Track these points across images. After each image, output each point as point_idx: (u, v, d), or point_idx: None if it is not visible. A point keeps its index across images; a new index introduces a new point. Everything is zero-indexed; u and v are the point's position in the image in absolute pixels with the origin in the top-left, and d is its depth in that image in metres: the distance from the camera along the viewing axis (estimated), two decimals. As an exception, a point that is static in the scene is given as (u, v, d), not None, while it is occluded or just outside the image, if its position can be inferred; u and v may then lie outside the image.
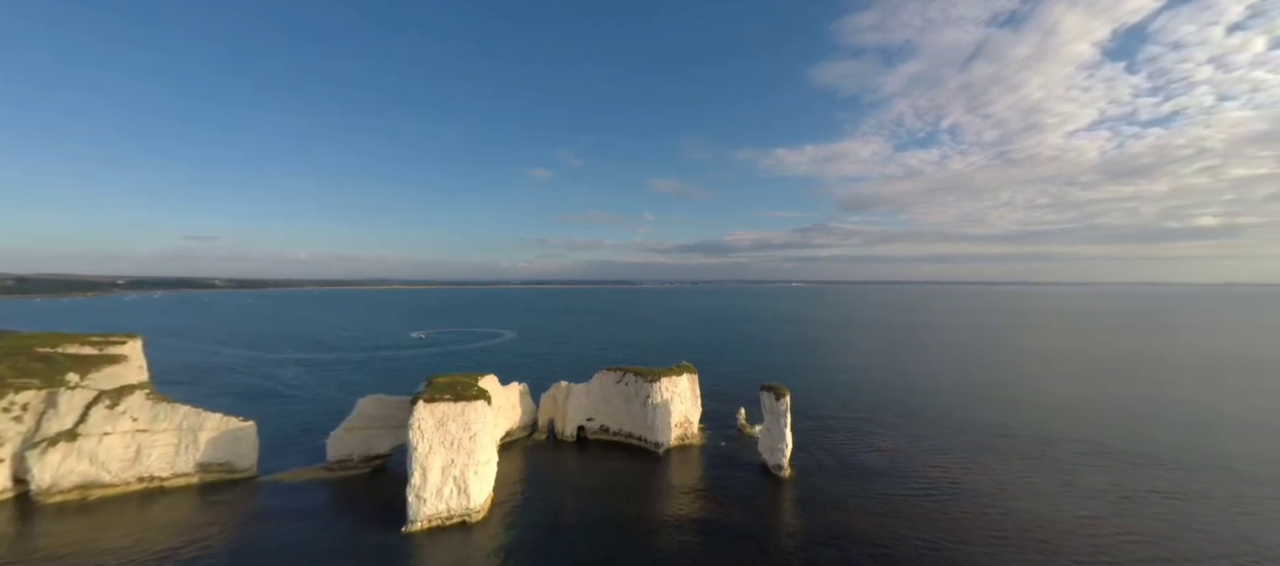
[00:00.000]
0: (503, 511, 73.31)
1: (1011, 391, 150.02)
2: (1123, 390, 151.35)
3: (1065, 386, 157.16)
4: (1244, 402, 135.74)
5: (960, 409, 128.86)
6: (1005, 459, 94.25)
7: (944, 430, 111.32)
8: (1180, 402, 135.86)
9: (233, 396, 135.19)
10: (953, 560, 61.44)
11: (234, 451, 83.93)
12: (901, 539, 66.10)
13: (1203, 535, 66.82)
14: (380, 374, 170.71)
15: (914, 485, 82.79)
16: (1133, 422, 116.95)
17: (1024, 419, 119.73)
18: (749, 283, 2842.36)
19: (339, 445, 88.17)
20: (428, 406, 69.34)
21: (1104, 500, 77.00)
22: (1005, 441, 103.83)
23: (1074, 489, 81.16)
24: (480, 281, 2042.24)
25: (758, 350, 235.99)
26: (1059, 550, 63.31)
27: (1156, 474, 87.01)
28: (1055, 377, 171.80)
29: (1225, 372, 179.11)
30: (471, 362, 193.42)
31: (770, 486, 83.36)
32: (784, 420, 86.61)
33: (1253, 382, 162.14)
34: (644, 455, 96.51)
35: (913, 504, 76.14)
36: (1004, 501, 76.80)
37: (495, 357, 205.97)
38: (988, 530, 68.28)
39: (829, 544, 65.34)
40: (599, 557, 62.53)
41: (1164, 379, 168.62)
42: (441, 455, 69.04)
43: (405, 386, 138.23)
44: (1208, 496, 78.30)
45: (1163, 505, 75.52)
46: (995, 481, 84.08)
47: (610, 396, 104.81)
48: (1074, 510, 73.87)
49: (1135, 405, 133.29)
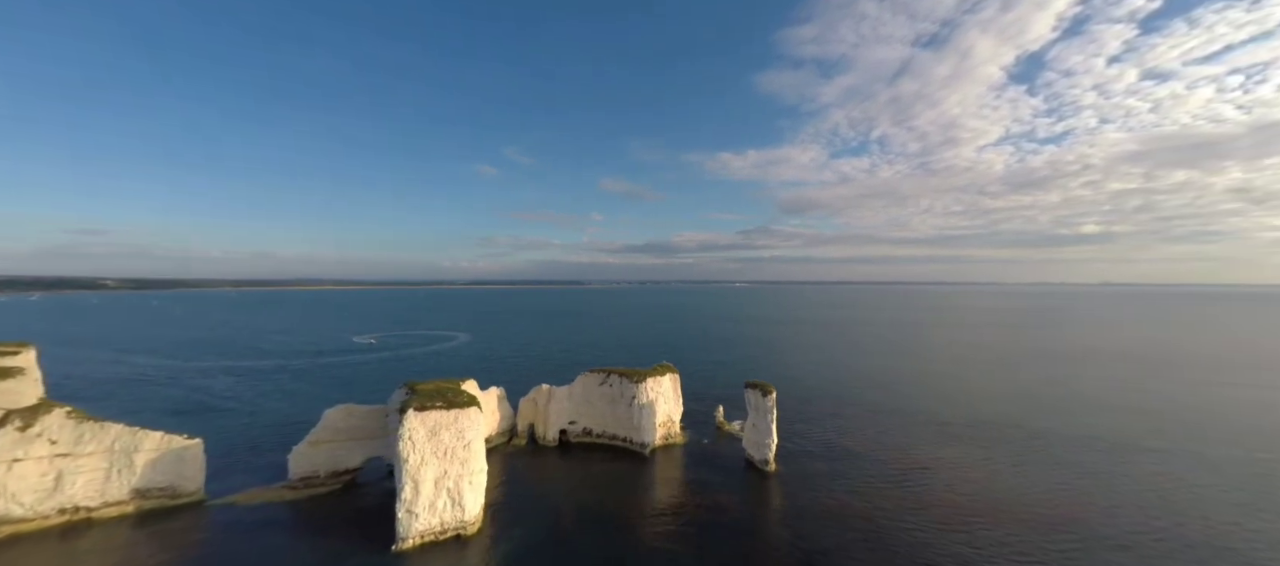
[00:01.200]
0: (497, 522, 70.12)
1: (954, 382, 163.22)
2: (1040, 377, 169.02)
3: (996, 376, 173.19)
4: (1138, 387, 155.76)
5: (915, 400, 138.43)
6: (963, 444, 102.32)
7: (905, 421, 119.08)
8: (1084, 387, 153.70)
9: (155, 412, 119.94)
10: (938, 539, 65.75)
11: (177, 473, 74.52)
12: (889, 523, 69.94)
13: (1135, 504, 75.82)
14: (328, 382, 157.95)
15: (890, 473, 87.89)
16: (1056, 407, 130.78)
17: (971, 407, 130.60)
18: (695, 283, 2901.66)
19: (303, 461, 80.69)
20: (419, 415, 64.93)
21: (1054, 476, 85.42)
22: (960, 428, 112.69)
23: (1025, 467, 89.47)
24: (421, 281, 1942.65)
25: (719, 348, 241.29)
26: (1030, 522, 69.53)
27: (1085, 454, 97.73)
28: (987, 368, 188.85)
29: (1116, 362, 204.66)
30: (427, 367, 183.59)
31: (760, 480, 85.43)
32: (771, 416, 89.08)
33: (1137, 370, 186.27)
34: (630, 456, 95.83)
35: (892, 491, 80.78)
36: (970, 483, 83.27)
37: (453, 362, 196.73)
38: (962, 510, 73.75)
39: (824, 531, 67.96)
40: (608, 561, 61.39)
41: (1065, 368, 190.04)
42: (434, 466, 64.92)
43: (359, 395, 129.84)
44: (1129, 474, 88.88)
45: (1098, 480, 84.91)
46: (959, 465, 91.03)
47: (593, 398, 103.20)
48: (1030, 486, 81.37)
49: (1054, 391, 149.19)
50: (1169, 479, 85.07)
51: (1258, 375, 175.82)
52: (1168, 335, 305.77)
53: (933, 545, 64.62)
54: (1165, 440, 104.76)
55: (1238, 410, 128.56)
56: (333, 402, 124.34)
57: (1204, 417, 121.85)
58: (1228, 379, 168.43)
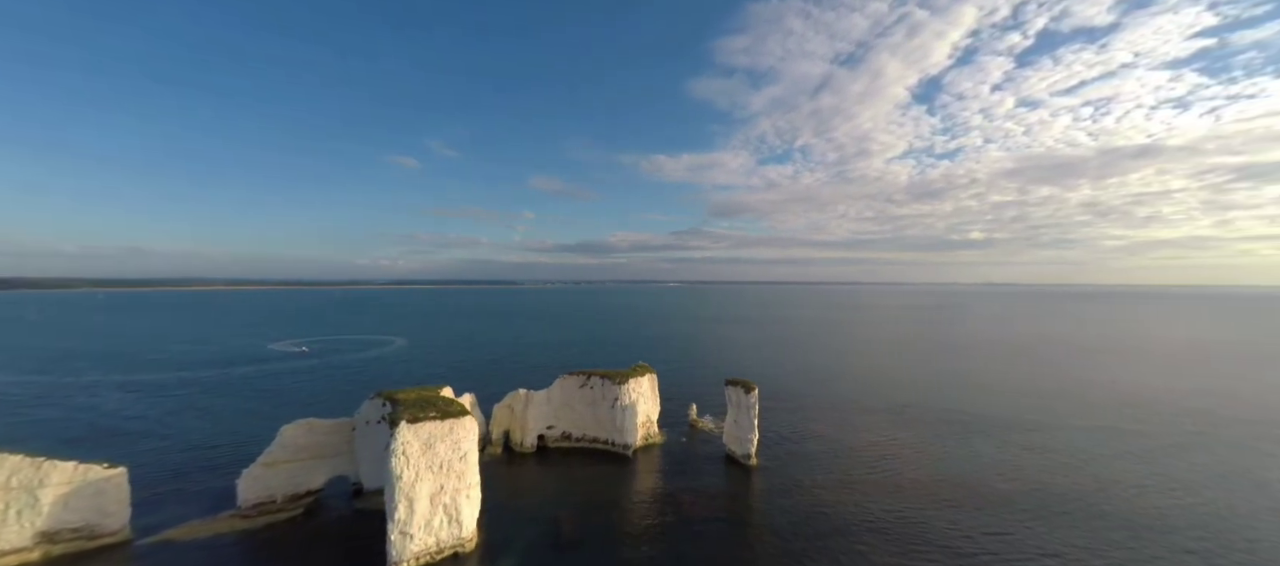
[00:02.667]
0: (494, 535, 66.38)
1: (892, 373, 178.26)
2: (959, 366, 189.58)
3: (924, 366, 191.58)
4: (1029, 373, 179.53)
5: (865, 391, 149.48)
6: (917, 431, 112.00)
7: (863, 410, 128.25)
8: (995, 375, 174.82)
9: (38, 441, 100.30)
10: (914, 517, 71.53)
11: (96, 510, 62.92)
12: (869, 507, 75.01)
13: (1068, 474, 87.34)
14: (253, 396, 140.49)
15: (860, 460, 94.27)
16: (980, 391, 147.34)
17: (912, 395, 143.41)
18: (629, 282, 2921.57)
19: (257, 484, 71.39)
20: (412, 427, 59.80)
21: (998, 455, 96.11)
22: (908, 414, 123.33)
23: (970, 447, 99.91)
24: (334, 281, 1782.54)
25: (670, 346, 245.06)
26: (988, 498, 77.65)
27: (1014, 432, 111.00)
28: (915, 359, 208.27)
29: (1013, 352, 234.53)
30: (368, 375, 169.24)
31: (745, 475, 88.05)
32: (753, 412, 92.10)
33: (1027, 358, 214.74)
34: (612, 459, 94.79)
35: (866, 477, 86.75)
36: (931, 465, 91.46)
37: (396, 369, 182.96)
38: (929, 490, 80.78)
39: (814, 518, 71.59)
40: (621, 564, 60.47)
41: (977, 357, 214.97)
42: (429, 481, 60.14)
43: (294, 409, 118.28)
44: (1052, 449, 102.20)
45: (1037, 456, 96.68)
46: (919, 450, 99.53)
47: (573, 401, 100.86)
48: (979, 465, 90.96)
49: (973, 380, 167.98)
50: (1087, 452, 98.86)
51: (1114, 359, 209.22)
52: (1043, 328, 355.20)
53: (915, 522, 70.20)
54: (1063, 417, 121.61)
55: (1104, 389, 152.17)
56: (268, 419, 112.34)
57: (1087, 396, 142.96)
58: (1094, 363, 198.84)
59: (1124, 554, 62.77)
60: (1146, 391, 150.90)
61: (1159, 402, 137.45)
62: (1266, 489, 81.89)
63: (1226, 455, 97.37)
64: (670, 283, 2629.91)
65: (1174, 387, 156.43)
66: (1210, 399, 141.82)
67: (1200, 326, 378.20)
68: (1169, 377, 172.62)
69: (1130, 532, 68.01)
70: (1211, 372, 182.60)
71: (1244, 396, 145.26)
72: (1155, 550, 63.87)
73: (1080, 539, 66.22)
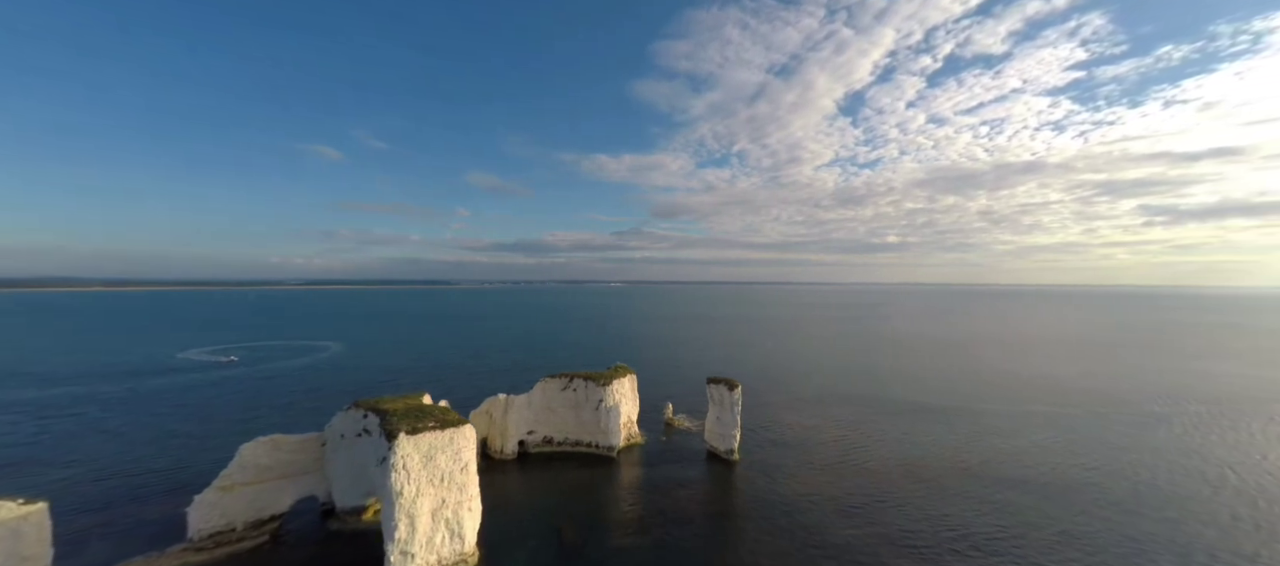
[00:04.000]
0: (494, 547, 63.49)
1: (842, 369, 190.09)
2: (901, 360, 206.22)
3: (867, 361, 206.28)
4: (968, 365, 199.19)
5: (825, 385, 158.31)
6: (876, 419, 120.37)
7: (825, 402, 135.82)
8: (934, 367, 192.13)
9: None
10: (891, 497, 77.19)
11: (13, 554, 52.90)
12: (850, 491, 80.00)
13: (1008, 451, 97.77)
14: (174, 413, 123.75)
15: (831, 449, 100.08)
16: (922, 384, 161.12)
17: (865, 388, 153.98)
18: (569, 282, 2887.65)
19: (212, 512, 63.33)
20: (412, 439, 55.78)
21: (949, 438, 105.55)
22: (868, 406, 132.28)
23: (925, 432, 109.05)
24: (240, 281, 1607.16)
25: (635, 346, 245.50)
26: (947, 477, 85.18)
27: (961, 419, 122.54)
28: (859, 355, 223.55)
29: (945, 346, 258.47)
30: (309, 385, 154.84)
31: (729, 470, 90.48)
32: (736, 409, 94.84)
33: (959, 352, 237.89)
34: (597, 461, 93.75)
35: (838, 464, 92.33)
36: (894, 450, 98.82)
37: (341, 377, 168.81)
38: (895, 472, 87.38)
39: (800, 504, 75.55)
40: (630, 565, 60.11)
41: (914, 352, 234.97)
42: (431, 496, 56.45)
43: (228, 427, 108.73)
44: (993, 430, 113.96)
45: (981, 437, 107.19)
46: (880, 437, 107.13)
47: (555, 405, 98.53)
48: (935, 447, 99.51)
49: (915, 371, 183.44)
50: (1019, 429, 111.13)
51: (1023, 351, 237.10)
52: (964, 325, 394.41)
53: (888, 502, 75.69)
54: (994, 402, 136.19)
55: (1019, 376, 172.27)
56: (202, 439, 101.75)
57: (1008, 383, 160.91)
58: (1007, 354, 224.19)
59: (1064, 511, 71.49)
60: (1052, 377, 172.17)
61: (1064, 386, 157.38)
62: (1159, 452, 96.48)
63: (1125, 427, 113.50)
64: (612, 283, 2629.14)
65: (1071, 373, 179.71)
66: (1099, 381, 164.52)
67: (1077, 321, 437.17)
68: (1065, 365, 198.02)
69: (1065, 494, 77.57)
70: (1093, 360, 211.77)
71: (1124, 378, 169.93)
72: (1083, 505, 73.29)
73: (1033, 505, 74.59)
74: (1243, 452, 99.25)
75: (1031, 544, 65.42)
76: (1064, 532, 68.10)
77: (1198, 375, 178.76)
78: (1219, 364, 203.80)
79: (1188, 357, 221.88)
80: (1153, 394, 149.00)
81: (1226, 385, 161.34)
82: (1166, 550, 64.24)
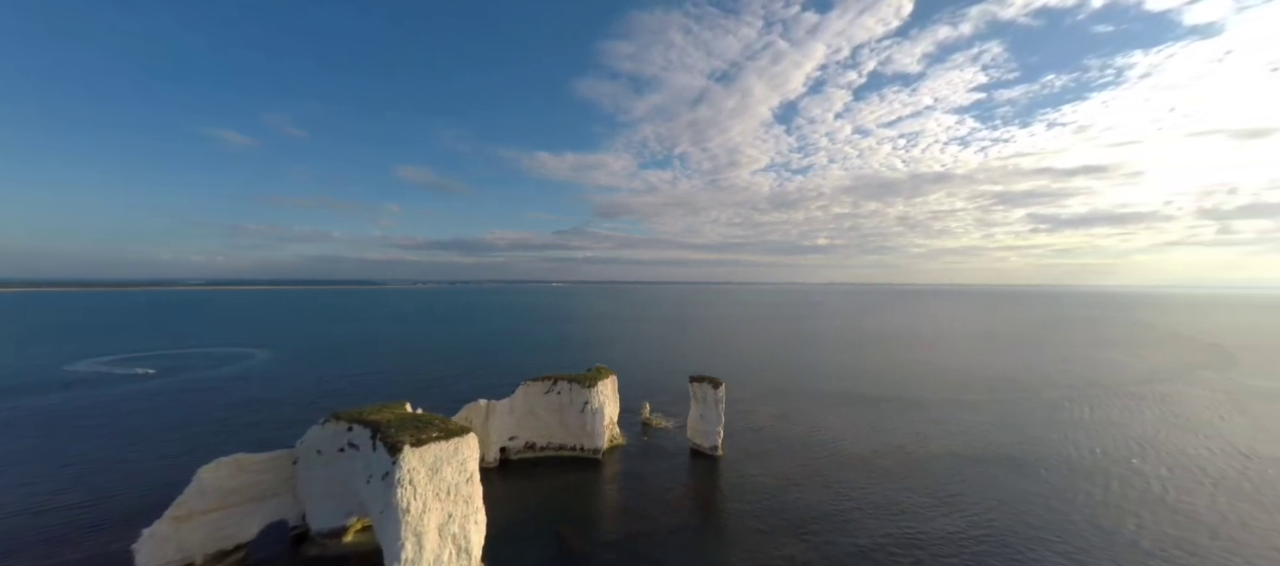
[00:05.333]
0: (500, 560, 60.81)
1: (800, 364, 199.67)
2: (850, 355, 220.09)
3: (821, 356, 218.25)
4: (909, 358, 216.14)
5: (788, 380, 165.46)
6: (840, 411, 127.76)
7: (792, 396, 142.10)
8: (880, 361, 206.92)
9: None
10: (867, 481, 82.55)
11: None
12: (831, 479, 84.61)
13: (961, 434, 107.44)
14: (76, 434, 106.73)
15: (807, 440, 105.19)
16: (873, 377, 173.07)
17: (824, 381, 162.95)
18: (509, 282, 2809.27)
19: (166, 545, 55.83)
20: (417, 451, 52.06)
21: (907, 426, 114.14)
22: (830, 398, 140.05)
23: (886, 421, 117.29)
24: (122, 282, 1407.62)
25: (597, 347, 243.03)
26: (912, 462, 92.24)
27: (914, 409, 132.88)
28: (812, 351, 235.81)
29: (888, 341, 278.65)
30: (245, 398, 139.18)
31: (715, 465, 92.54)
32: (720, 407, 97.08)
33: (901, 346, 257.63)
34: (583, 464, 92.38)
35: (817, 452, 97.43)
36: (862, 439, 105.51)
37: (279, 387, 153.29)
38: (867, 459, 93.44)
39: (790, 491, 79.32)
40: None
41: (861, 347, 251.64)
42: (437, 511, 53.03)
43: (151, 448, 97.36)
44: (942, 419, 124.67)
45: (932, 425, 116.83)
46: (847, 427, 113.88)
47: (538, 409, 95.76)
48: (897, 435, 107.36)
49: (865, 365, 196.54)
50: (965, 417, 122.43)
51: (948, 344, 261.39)
52: (895, 321, 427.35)
53: (862, 487, 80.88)
54: (937, 391, 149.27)
55: (949, 368, 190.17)
56: (120, 463, 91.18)
57: (942, 374, 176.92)
58: (935, 348, 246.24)
59: (1015, 483, 79.97)
60: (975, 368, 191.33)
61: (986, 375, 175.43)
62: (1082, 426, 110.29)
63: (1043, 409, 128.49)
64: (553, 283, 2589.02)
65: (989, 364, 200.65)
66: (1014, 370, 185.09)
67: (984, 317, 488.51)
68: (983, 356, 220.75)
69: (1013, 469, 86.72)
70: (1004, 351, 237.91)
71: (1033, 366, 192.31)
72: (1027, 482, 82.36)
73: (992, 478, 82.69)
74: (1133, 423, 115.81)
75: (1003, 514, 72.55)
76: (1019, 499, 76.14)
77: (1087, 362, 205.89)
78: (1102, 352, 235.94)
79: (1078, 347, 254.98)
80: (1057, 379, 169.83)
81: (1110, 370, 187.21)
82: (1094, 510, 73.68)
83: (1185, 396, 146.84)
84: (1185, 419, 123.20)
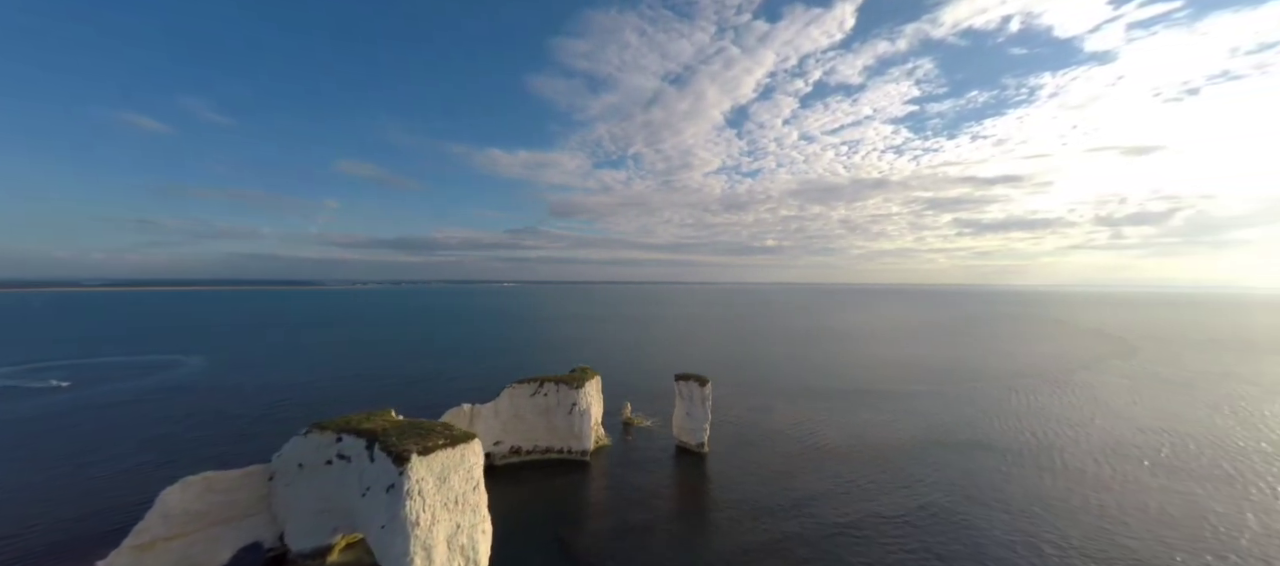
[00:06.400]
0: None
1: (766, 361, 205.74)
2: (813, 351, 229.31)
3: (786, 352, 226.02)
4: (867, 353, 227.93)
5: (762, 377, 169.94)
6: (814, 404, 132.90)
7: (768, 393, 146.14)
8: (843, 356, 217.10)
9: None
10: (845, 468, 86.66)
11: None
12: (817, 466, 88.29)
13: (930, 423, 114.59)
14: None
15: (789, 433, 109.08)
16: (839, 371, 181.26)
17: (794, 377, 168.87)
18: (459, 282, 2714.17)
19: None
20: (425, 460, 49.45)
21: (878, 417, 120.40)
22: (803, 393, 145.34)
23: (858, 413, 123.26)
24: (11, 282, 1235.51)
25: (566, 348, 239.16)
26: (882, 451, 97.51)
27: (886, 401, 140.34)
28: (777, 347, 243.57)
29: (843, 337, 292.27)
30: (177, 410, 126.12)
31: (703, 461, 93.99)
32: (707, 404, 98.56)
33: (858, 342, 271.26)
34: (572, 467, 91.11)
35: (799, 445, 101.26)
36: (838, 431, 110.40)
37: (222, 398, 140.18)
38: (845, 450, 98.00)
39: (779, 484, 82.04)
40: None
41: (821, 344, 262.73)
42: (446, 522, 50.63)
43: (79, 473, 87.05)
44: (907, 410, 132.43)
45: (900, 415, 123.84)
46: (824, 420, 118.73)
47: (524, 412, 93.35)
48: (869, 426, 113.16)
49: (830, 360, 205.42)
50: (931, 407, 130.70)
51: (893, 338, 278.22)
52: (848, 319, 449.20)
53: (845, 477, 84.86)
54: (897, 383, 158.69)
55: (901, 361, 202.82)
56: (34, 491, 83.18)
57: (905, 368, 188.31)
58: (890, 343, 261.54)
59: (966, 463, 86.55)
60: (926, 360, 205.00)
61: (936, 367, 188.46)
62: (1020, 412, 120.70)
63: (987, 398, 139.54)
64: (505, 282, 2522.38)
65: (936, 356, 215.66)
66: (960, 361, 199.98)
67: (922, 314, 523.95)
68: (930, 349, 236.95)
69: (966, 452, 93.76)
70: (947, 345, 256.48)
71: (975, 358, 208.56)
72: (988, 460, 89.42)
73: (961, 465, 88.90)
74: (1062, 407, 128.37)
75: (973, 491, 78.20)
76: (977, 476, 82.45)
77: (1017, 354, 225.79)
78: (1030, 345, 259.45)
79: (1008, 341, 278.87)
80: (996, 370, 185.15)
81: (1038, 361, 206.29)
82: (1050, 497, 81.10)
83: (1103, 383, 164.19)
84: (1105, 403, 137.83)
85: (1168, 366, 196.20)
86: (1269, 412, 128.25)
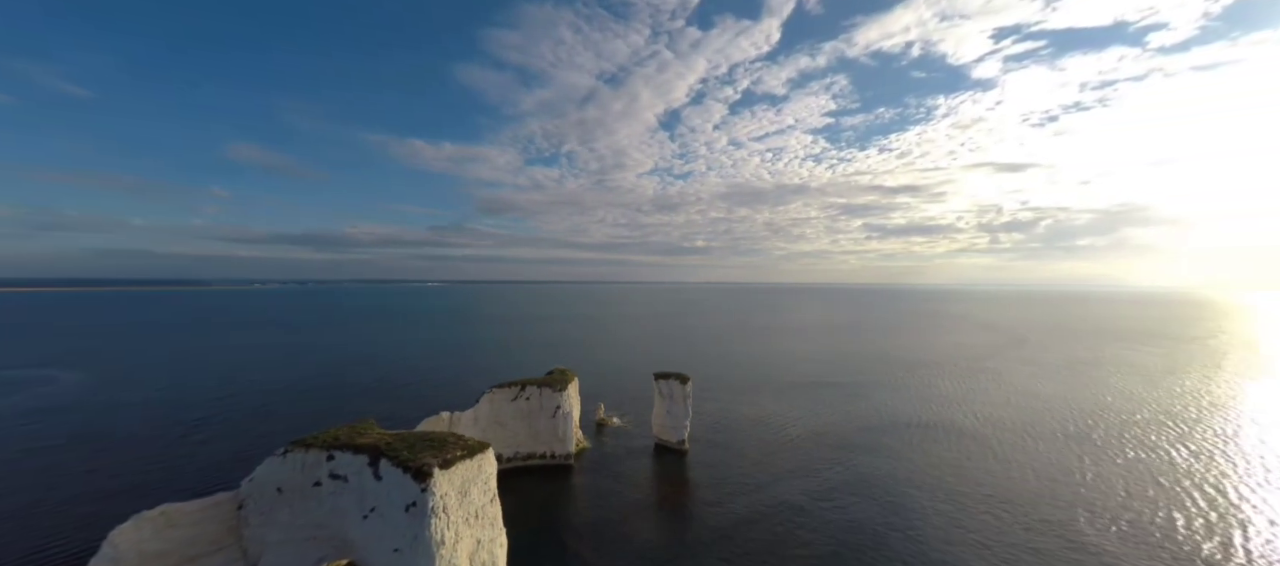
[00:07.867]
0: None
1: (728, 358, 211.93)
2: (773, 346, 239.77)
3: (746, 349, 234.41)
4: (819, 349, 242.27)
5: (725, 373, 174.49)
6: (781, 399, 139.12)
7: (735, 389, 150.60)
8: (795, 351, 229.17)
9: None
10: (827, 459, 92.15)
11: None
12: (799, 461, 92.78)
13: (890, 415, 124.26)
14: None
15: (761, 428, 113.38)
16: (794, 365, 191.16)
17: (757, 372, 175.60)
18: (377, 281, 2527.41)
19: (70, 638, 41.38)
20: (446, 473, 45.79)
21: (846, 407, 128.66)
22: (769, 387, 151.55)
23: (823, 405, 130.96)
24: None
25: (523, 349, 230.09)
26: (852, 438, 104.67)
27: (850, 392, 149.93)
28: (737, 345, 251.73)
29: (790, 333, 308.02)
30: (51, 439, 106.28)
31: (689, 458, 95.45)
32: (689, 402, 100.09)
33: (807, 338, 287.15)
34: (556, 471, 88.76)
35: (773, 436, 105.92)
36: (808, 422, 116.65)
37: (123, 417, 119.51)
38: (815, 440, 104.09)
39: (762, 475, 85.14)
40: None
41: (779, 339, 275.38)
42: (468, 538, 47.30)
43: None
44: (875, 399, 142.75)
45: (861, 403, 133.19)
46: (793, 414, 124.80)
47: (505, 417, 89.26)
48: (836, 417, 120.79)
49: (786, 356, 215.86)
50: (887, 398, 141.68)
51: (827, 333, 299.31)
52: (782, 317, 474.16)
53: (819, 466, 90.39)
54: (856, 375, 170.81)
55: (842, 353, 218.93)
56: None
57: (841, 358, 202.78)
58: (821, 337, 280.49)
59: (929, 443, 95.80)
60: (865, 352, 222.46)
61: (876, 358, 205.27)
62: (946, 397, 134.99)
63: (920, 386, 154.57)
64: (429, 282, 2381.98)
65: (866, 350, 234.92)
66: (896, 353, 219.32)
67: (844, 313, 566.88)
68: (865, 344, 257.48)
69: (924, 433, 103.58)
70: (882, 339, 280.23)
71: (909, 350, 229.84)
72: (944, 444, 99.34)
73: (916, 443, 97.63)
74: (979, 390, 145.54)
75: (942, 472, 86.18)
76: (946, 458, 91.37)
77: (936, 346, 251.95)
78: (943, 337, 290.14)
79: (926, 334, 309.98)
80: (925, 360, 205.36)
81: (954, 352, 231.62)
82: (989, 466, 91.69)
83: (1008, 370, 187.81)
84: (1013, 385, 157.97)
85: (1058, 354, 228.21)
86: (1116, 385, 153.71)
